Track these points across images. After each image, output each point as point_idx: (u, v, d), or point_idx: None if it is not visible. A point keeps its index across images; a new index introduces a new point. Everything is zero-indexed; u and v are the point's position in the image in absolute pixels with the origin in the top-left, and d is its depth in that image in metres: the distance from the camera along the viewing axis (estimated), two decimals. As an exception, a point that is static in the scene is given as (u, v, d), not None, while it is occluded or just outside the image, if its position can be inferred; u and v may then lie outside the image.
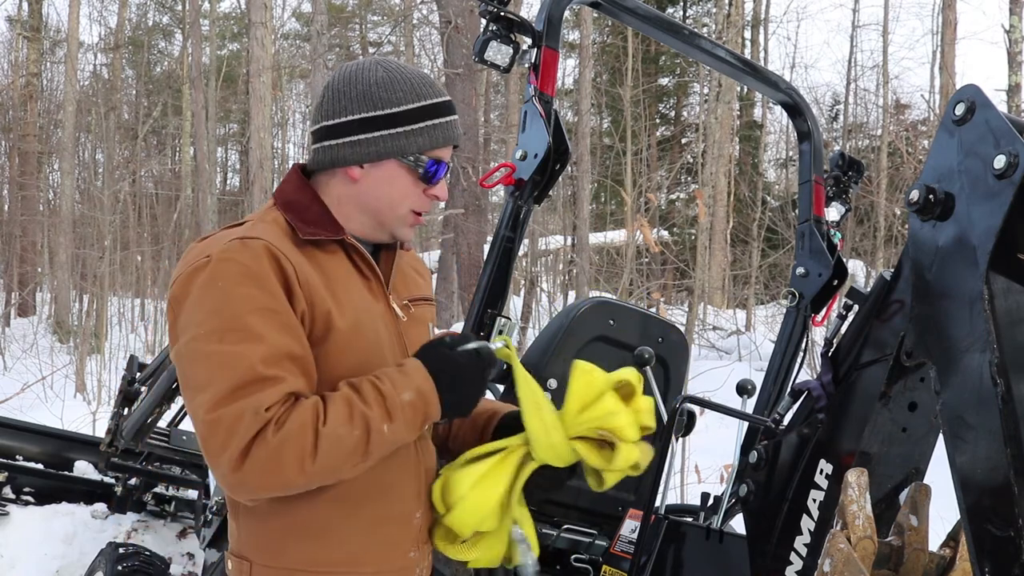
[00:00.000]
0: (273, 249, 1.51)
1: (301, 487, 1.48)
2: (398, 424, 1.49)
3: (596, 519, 3.17)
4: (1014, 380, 1.43)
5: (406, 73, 1.64)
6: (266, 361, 1.44)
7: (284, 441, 1.41)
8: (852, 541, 1.59)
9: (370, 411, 1.47)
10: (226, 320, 1.46)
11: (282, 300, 1.49)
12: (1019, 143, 1.48)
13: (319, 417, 1.45)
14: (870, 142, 18.12)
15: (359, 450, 1.47)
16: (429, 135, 1.62)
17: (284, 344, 1.47)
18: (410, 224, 1.68)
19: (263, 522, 1.60)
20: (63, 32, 21.30)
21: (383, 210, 1.65)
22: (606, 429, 1.57)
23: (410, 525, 1.65)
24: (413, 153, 1.61)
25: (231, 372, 1.43)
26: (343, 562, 1.59)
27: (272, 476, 1.43)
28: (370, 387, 1.49)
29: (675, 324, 3.44)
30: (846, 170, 3.36)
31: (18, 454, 4.39)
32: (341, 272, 1.61)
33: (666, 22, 3.17)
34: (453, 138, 1.66)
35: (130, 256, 16.94)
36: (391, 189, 1.64)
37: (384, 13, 23.00)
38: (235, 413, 1.41)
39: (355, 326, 1.58)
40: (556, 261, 15.63)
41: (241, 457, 1.41)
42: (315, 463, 1.43)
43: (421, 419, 1.52)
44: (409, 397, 1.49)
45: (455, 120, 1.68)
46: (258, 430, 1.41)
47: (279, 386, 1.44)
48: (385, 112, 1.60)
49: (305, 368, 1.51)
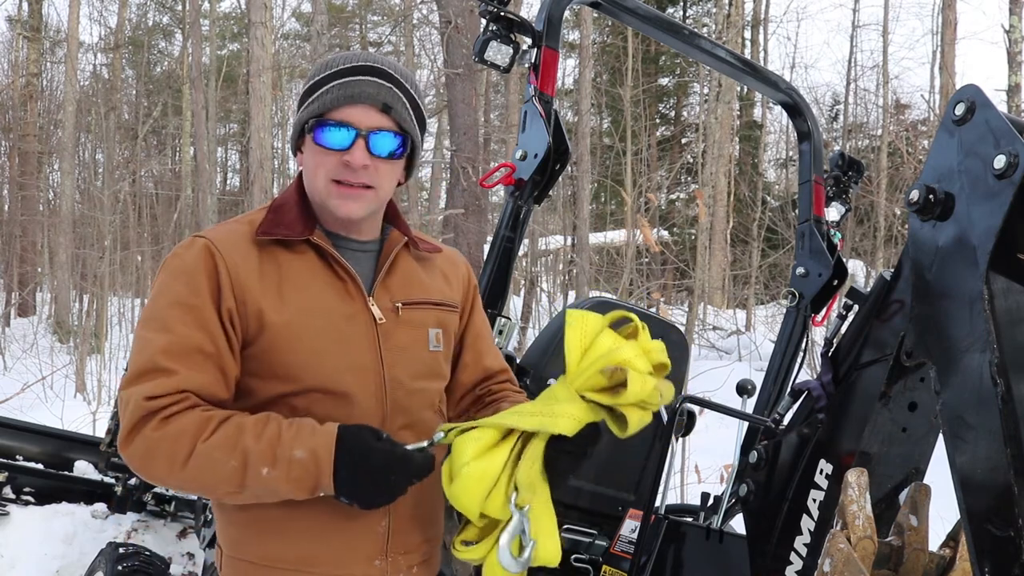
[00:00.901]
0: (212, 248, 1.56)
1: (174, 487, 1.55)
2: (279, 473, 1.45)
3: (596, 519, 3.17)
4: (1014, 380, 1.43)
5: (340, 54, 1.65)
6: (166, 352, 1.49)
7: (160, 440, 1.45)
8: (852, 541, 1.59)
9: (255, 447, 1.46)
10: (152, 310, 1.55)
11: (204, 297, 1.53)
12: (1019, 143, 1.48)
13: (203, 431, 1.46)
14: (870, 142, 18.13)
15: (233, 480, 1.46)
16: (320, 100, 1.59)
17: (191, 338, 1.50)
18: (335, 195, 1.60)
19: (229, 515, 1.64)
20: (63, 32, 21.30)
21: (313, 190, 1.64)
22: (613, 364, 1.44)
23: (372, 533, 1.63)
24: (307, 121, 1.60)
25: (138, 358, 1.51)
26: (296, 560, 1.60)
27: (145, 467, 1.48)
28: (275, 427, 1.49)
29: (675, 324, 3.44)
30: (846, 170, 3.37)
31: (18, 454, 4.38)
32: (303, 272, 1.61)
33: (666, 22, 3.17)
34: (348, 96, 1.57)
35: (130, 256, 16.93)
36: (309, 164, 1.63)
37: (384, 13, 23.00)
38: (127, 397, 1.49)
39: (294, 324, 1.56)
40: (556, 261, 15.63)
41: (126, 440, 1.48)
42: (183, 472, 1.45)
43: (308, 482, 1.47)
44: (300, 455, 1.46)
45: (359, 80, 1.58)
46: (140, 417, 1.46)
47: (171, 378, 1.48)
48: (302, 93, 1.64)
49: (216, 365, 1.53)
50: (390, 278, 1.70)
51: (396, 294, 1.69)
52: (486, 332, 1.89)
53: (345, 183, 1.60)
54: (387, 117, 1.60)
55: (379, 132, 1.59)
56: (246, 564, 1.62)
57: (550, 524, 1.53)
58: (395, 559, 1.66)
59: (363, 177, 1.60)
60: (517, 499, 1.49)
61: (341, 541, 1.61)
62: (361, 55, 1.63)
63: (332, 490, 1.47)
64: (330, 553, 1.61)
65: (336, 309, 1.61)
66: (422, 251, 1.77)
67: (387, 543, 1.65)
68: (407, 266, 1.74)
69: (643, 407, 1.47)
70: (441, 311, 1.75)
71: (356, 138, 1.58)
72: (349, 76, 1.59)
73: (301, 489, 1.48)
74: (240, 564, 1.63)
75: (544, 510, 1.53)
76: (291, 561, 1.60)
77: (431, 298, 1.74)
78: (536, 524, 1.51)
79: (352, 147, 1.58)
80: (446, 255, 1.84)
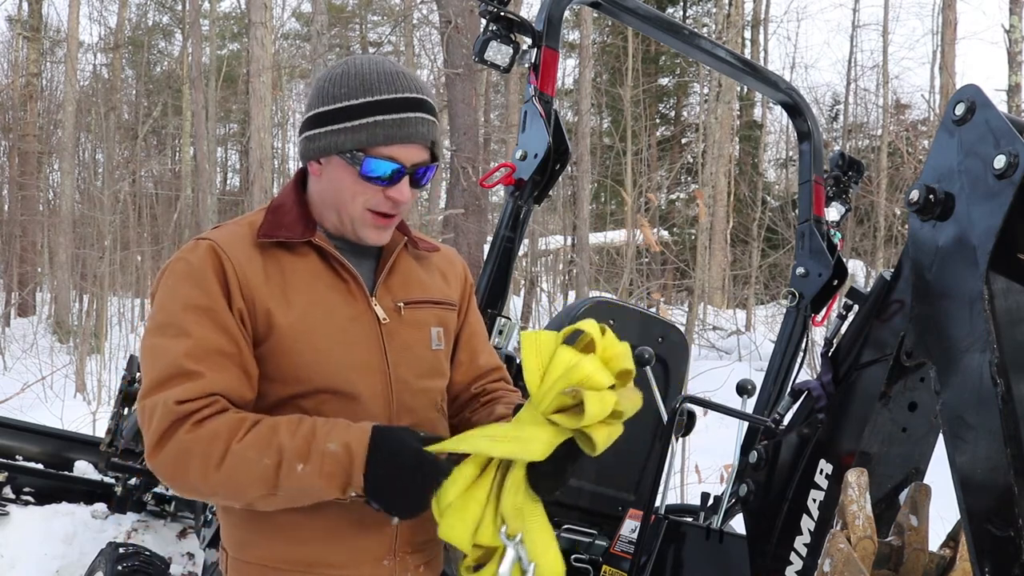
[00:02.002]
0: (218, 250, 1.55)
1: (206, 495, 1.50)
2: (312, 468, 1.43)
3: (596, 519, 3.17)
4: (1014, 380, 1.43)
5: (369, 69, 1.59)
6: (189, 356, 1.48)
7: (194, 442, 1.44)
8: (852, 541, 1.59)
9: (290, 443, 1.44)
10: (166, 315, 1.53)
11: (218, 299, 1.52)
12: (1019, 143, 1.48)
13: (237, 432, 1.45)
14: (870, 142, 18.13)
15: (268, 479, 1.44)
16: (368, 131, 1.55)
17: (211, 341, 1.50)
18: (371, 224, 1.61)
19: (236, 517, 1.63)
20: (63, 32, 21.30)
21: (338, 208, 1.62)
22: (572, 385, 1.40)
23: (383, 533, 1.63)
24: (350, 150, 1.56)
25: (159, 365, 1.49)
26: (304, 562, 1.59)
27: (178, 473, 1.46)
28: (310, 424, 1.48)
29: (675, 324, 3.44)
30: (846, 170, 3.37)
31: (18, 454, 4.39)
32: (306, 273, 1.61)
33: (666, 22, 3.17)
34: (402, 136, 1.55)
35: (130, 256, 16.95)
36: (340, 186, 1.60)
37: (384, 13, 22.99)
38: (152, 404, 1.46)
39: (301, 325, 1.56)
40: (556, 261, 15.64)
41: (156, 446, 1.46)
42: (218, 474, 1.43)
43: (341, 477, 1.44)
44: (334, 448, 1.44)
45: (410, 118, 1.56)
46: (171, 423, 1.44)
47: (198, 381, 1.47)
48: (331, 108, 1.58)
49: (238, 365, 1.52)
50: (391, 278, 1.70)
51: (398, 294, 1.69)
52: (481, 330, 1.90)
53: (383, 214, 1.61)
54: (429, 152, 1.61)
55: (422, 168, 1.60)
56: (253, 566, 1.61)
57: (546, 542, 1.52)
58: (403, 559, 1.66)
59: (400, 208, 1.62)
60: (507, 530, 1.49)
61: (351, 542, 1.61)
62: (401, 80, 1.58)
63: (362, 486, 1.45)
64: (339, 554, 1.60)
65: (340, 310, 1.61)
66: (421, 250, 1.77)
67: (395, 542, 1.65)
68: (407, 266, 1.74)
69: (609, 423, 1.44)
70: (441, 310, 1.76)
71: (404, 175, 1.58)
72: (399, 112, 1.56)
73: (333, 485, 1.45)
74: (247, 566, 1.62)
75: (538, 530, 1.51)
76: (300, 563, 1.59)
77: (432, 297, 1.75)
78: (532, 547, 1.50)
79: (400, 184, 1.59)
80: (443, 254, 1.85)
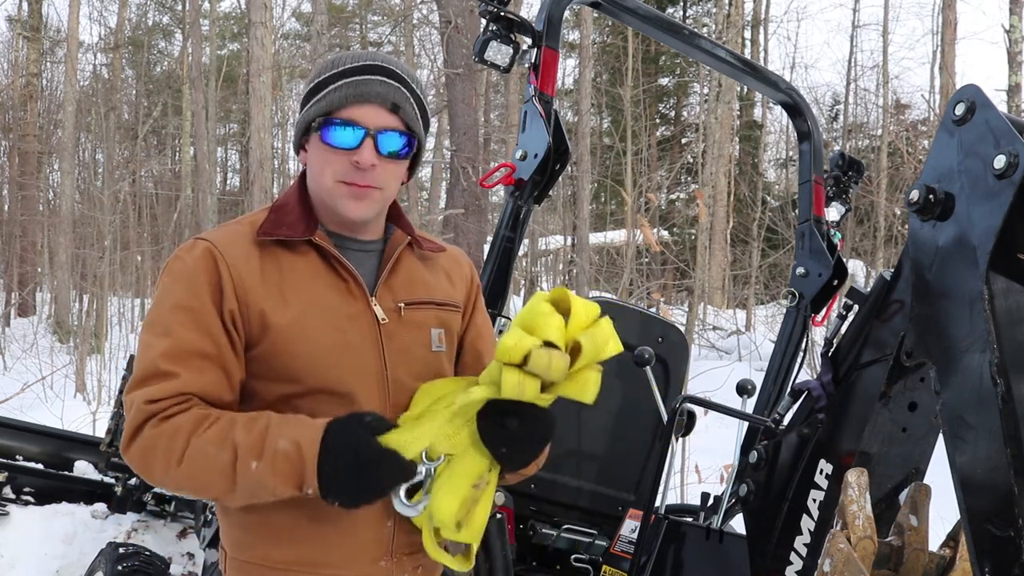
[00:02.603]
0: (213, 250, 1.56)
1: (171, 488, 1.53)
2: (265, 466, 1.43)
3: (596, 519, 3.17)
4: (1014, 380, 1.43)
5: (345, 54, 1.63)
6: (166, 356, 1.49)
7: (158, 437, 1.46)
8: (852, 541, 1.59)
9: (245, 439, 1.45)
10: (156, 313, 1.55)
11: (205, 300, 1.53)
12: (1019, 143, 1.48)
13: (198, 428, 1.46)
14: (870, 142, 18.14)
15: (226, 475, 1.44)
16: (328, 98, 1.57)
17: (191, 342, 1.51)
18: (345, 195, 1.59)
19: (233, 517, 1.63)
20: (63, 32, 21.29)
21: (319, 190, 1.62)
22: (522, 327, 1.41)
23: (379, 532, 1.62)
24: (314, 120, 1.58)
25: (142, 362, 1.51)
26: (302, 562, 1.59)
27: (145, 467, 1.49)
28: (265, 420, 1.48)
29: (675, 324, 3.45)
30: (846, 170, 3.37)
31: (18, 454, 4.39)
32: (305, 272, 1.60)
33: (666, 22, 3.17)
34: (357, 95, 1.56)
35: (130, 256, 16.94)
36: (315, 163, 1.61)
37: (384, 13, 23.01)
38: (130, 401, 1.49)
39: (298, 324, 1.56)
40: (556, 261, 15.64)
41: (128, 443, 1.49)
42: (179, 469, 1.45)
43: (295, 477, 1.43)
44: (284, 446, 1.43)
45: (367, 79, 1.57)
46: (141, 420, 1.47)
47: (172, 382, 1.48)
48: (307, 91, 1.62)
49: (218, 366, 1.53)
50: (393, 278, 1.69)
51: (399, 294, 1.68)
52: (487, 332, 1.89)
53: (353, 183, 1.59)
54: (395, 117, 1.59)
55: (387, 132, 1.58)
56: (252, 566, 1.61)
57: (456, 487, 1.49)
58: (400, 559, 1.65)
59: (370, 178, 1.59)
60: (427, 451, 1.49)
61: (348, 542, 1.60)
62: (368, 54, 1.62)
63: (316, 485, 1.44)
64: (337, 554, 1.60)
65: (338, 309, 1.61)
66: (425, 250, 1.76)
67: (392, 543, 1.64)
68: (410, 266, 1.73)
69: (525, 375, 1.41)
70: (444, 311, 1.74)
71: (364, 137, 1.57)
72: (357, 75, 1.58)
73: (287, 484, 1.44)
74: (245, 566, 1.62)
75: (459, 474, 1.50)
76: (297, 563, 1.59)
77: (434, 298, 1.73)
78: (441, 482, 1.48)
79: (360, 147, 1.57)
80: (449, 254, 1.83)
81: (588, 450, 3.21)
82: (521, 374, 1.41)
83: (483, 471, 1.52)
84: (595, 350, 1.44)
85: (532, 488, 3.03)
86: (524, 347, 1.39)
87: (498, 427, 1.48)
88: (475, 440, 1.50)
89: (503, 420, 1.47)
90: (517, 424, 1.47)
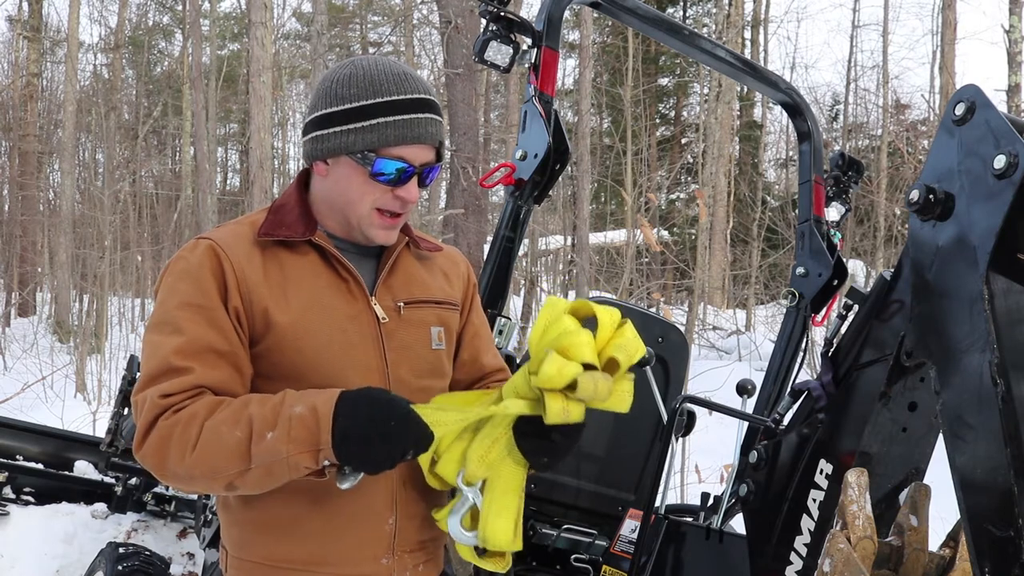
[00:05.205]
0: (216, 249, 1.57)
1: (185, 479, 1.48)
2: (280, 433, 1.41)
3: (596, 519, 3.17)
4: (1014, 380, 1.43)
5: (377, 70, 1.60)
6: (179, 353, 1.50)
7: (173, 427, 1.46)
8: (852, 541, 1.59)
9: (259, 412, 1.44)
10: (163, 313, 1.55)
11: (213, 297, 1.54)
12: (1019, 143, 1.48)
13: (213, 411, 1.46)
14: (870, 142, 18.14)
15: (241, 452, 1.42)
16: (378, 132, 1.56)
17: (203, 338, 1.51)
18: (378, 225, 1.63)
19: (235, 515, 1.64)
20: (63, 32, 21.30)
21: (345, 208, 1.63)
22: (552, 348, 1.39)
23: (381, 529, 1.63)
24: (361, 150, 1.57)
25: (152, 360, 1.51)
26: (304, 560, 1.60)
27: (160, 460, 1.47)
28: (279, 396, 1.48)
29: (675, 324, 3.45)
30: (846, 170, 3.36)
31: (18, 454, 4.38)
32: (306, 272, 1.62)
33: (666, 22, 3.17)
34: (412, 137, 1.58)
35: (130, 256, 16.95)
36: (348, 186, 1.61)
37: (384, 13, 22.99)
38: (143, 399, 1.49)
39: (299, 323, 1.57)
40: (556, 261, 15.64)
41: (141, 439, 1.48)
42: (194, 454, 1.44)
43: (310, 441, 1.41)
44: (300, 410, 1.43)
45: (419, 119, 1.58)
46: (155, 415, 1.47)
47: (186, 377, 1.49)
48: (338, 109, 1.59)
49: (231, 363, 1.54)
50: (392, 278, 1.71)
51: (398, 293, 1.70)
52: (484, 331, 1.90)
53: (392, 214, 1.63)
54: (436, 151, 1.64)
55: (431, 168, 1.63)
56: (253, 564, 1.62)
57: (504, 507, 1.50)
58: (401, 557, 1.66)
59: (408, 208, 1.64)
60: (464, 475, 1.49)
61: (349, 540, 1.61)
62: (409, 79, 1.60)
63: (331, 449, 1.41)
64: (338, 552, 1.61)
65: (339, 309, 1.62)
66: (423, 250, 1.78)
67: (394, 540, 1.65)
68: (409, 265, 1.75)
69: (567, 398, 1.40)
70: (442, 309, 1.76)
71: (412, 175, 1.60)
72: (407, 112, 1.58)
73: (302, 450, 1.41)
74: (247, 565, 1.63)
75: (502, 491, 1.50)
76: (299, 561, 1.60)
77: (433, 297, 1.75)
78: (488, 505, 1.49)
79: (408, 184, 1.61)
80: (446, 254, 1.85)
81: (588, 450, 3.21)
82: (565, 400, 1.40)
83: (523, 481, 1.53)
84: (628, 361, 1.45)
85: (532, 488, 3.04)
86: (568, 375, 1.38)
87: (540, 440, 1.50)
88: (510, 450, 1.51)
89: (546, 433, 1.49)
90: (560, 437, 1.50)
